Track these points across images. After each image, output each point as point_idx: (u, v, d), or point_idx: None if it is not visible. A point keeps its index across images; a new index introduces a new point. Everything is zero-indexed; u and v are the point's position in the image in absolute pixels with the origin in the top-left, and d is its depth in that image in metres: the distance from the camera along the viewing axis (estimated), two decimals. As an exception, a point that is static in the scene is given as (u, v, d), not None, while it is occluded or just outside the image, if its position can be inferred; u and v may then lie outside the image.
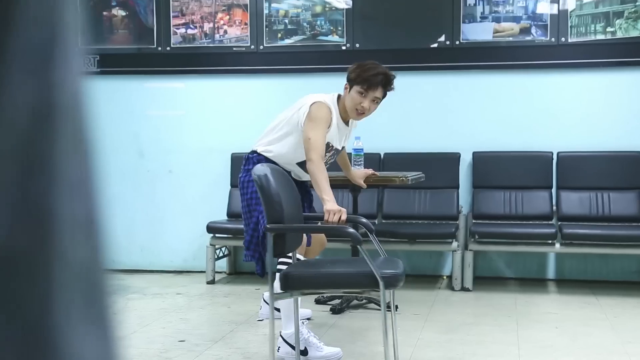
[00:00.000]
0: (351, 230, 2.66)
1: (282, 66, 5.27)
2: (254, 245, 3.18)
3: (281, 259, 3.12)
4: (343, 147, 3.43)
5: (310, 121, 3.09)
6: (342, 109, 3.25)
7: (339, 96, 3.28)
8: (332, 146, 3.28)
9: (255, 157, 3.24)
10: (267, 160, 3.18)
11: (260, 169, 2.77)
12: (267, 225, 2.66)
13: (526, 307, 4.20)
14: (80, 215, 0.37)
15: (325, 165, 3.37)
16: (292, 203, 2.85)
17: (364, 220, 3.01)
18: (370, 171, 3.94)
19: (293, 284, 2.66)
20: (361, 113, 3.21)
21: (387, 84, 3.20)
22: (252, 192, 3.18)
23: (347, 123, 3.32)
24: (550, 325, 3.78)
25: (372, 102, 3.19)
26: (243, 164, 3.34)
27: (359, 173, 3.88)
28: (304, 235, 3.11)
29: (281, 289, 2.67)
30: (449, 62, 5.09)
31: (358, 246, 2.63)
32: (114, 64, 5.46)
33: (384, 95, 3.25)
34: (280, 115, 3.35)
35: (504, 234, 4.73)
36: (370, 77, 3.15)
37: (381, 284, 2.55)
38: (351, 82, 3.22)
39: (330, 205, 2.87)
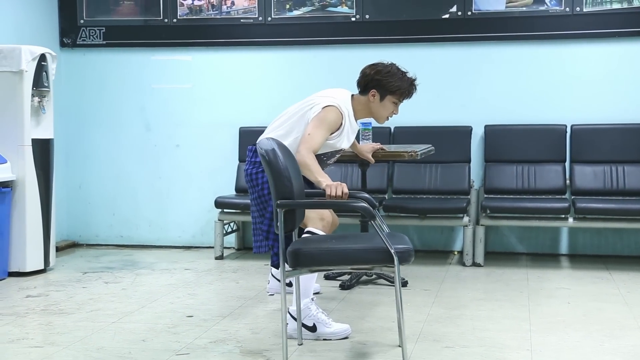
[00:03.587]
0: (363, 204, 2.62)
1: (291, 38, 5.19)
2: (273, 235, 3.14)
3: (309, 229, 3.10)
4: None
5: (317, 120, 3.12)
6: (359, 110, 3.28)
7: (351, 95, 3.29)
8: (341, 149, 3.30)
9: None
10: None
11: (267, 143, 2.72)
12: (278, 202, 2.61)
13: (538, 283, 4.15)
14: None
15: (334, 159, 3.35)
16: (297, 179, 2.80)
17: (366, 195, 2.98)
18: (378, 145, 3.88)
19: (304, 261, 2.61)
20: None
21: None
22: (263, 182, 3.15)
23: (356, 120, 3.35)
24: (562, 301, 3.72)
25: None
26: (250, 156, 3.27)
27: (366, 147, 3.82)
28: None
29: (290, 267, 2.62)
30: (460, 34, 4.99)
31: (371, 222, 2.59)
32: (120, 36, 5.40)
33: None
34: (290, 110, 3.29)
35: (516, 209, 4.66)
36: (410, 88, 3.26)
37: (396, 259, 2.53)
38: (383, 91, 3.23)
39: (328, 182, 2.86)
